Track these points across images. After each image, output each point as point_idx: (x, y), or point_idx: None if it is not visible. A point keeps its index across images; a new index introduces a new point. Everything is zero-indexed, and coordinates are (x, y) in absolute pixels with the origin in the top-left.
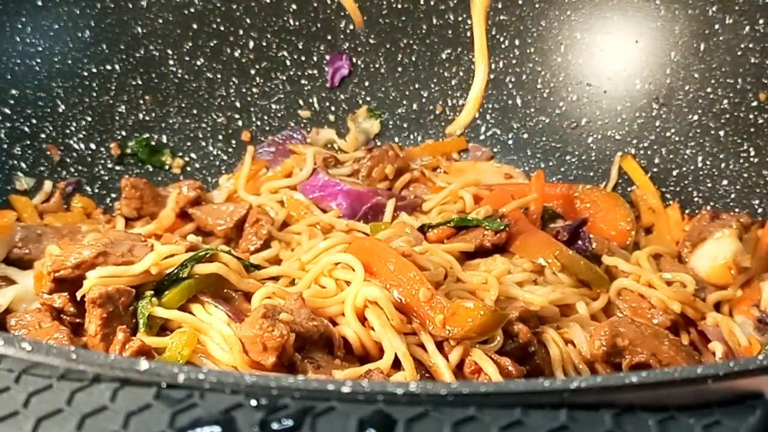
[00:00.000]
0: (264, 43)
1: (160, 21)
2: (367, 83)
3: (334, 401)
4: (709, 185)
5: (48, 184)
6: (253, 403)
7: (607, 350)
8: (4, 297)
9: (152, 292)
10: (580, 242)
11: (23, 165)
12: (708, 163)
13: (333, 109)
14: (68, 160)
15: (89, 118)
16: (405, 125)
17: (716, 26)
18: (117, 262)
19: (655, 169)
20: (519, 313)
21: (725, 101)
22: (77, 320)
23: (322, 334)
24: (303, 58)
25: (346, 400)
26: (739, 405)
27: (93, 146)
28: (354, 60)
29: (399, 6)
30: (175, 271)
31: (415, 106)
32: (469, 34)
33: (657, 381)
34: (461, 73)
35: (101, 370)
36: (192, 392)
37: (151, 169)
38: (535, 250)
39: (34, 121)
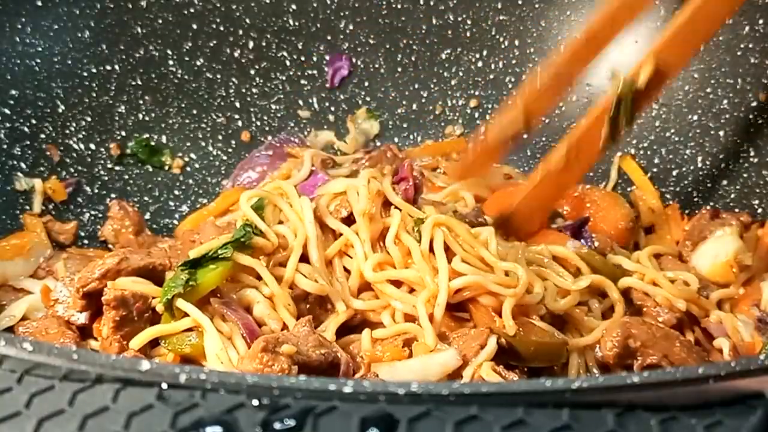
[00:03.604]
0: (264, 44)
1: (160, 21)
2: (366, 83)
3: (336, 401)
4: (709, 185)
5: (39, 183)
6: (255, 403)
7: (619, 352)
8: (18, 308)
9: (186, 275)
10: (582, 241)
11: (23, 165)
12: (708, 163)
13: (333, 109)
14: (68, 160)
15: (89, 119)
16: (404, 125)
17: None
18: (139, 265)
19: (654, 169)
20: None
21: (725, 101)
22: (84, 324)
23: (330, 362)
24: (303, 59)
25: (348, 400)
26: (740, 405)
27: (93, 146)
28: (354, 60)
29: (398, 6)
30: (215, 253)
31: (414, 106)
32: (468, 34)
33: (659, 381)
34: (461, 74)
35: (103, 371)
36: (193, 392)
37: (150, 170)
38: None
39: (33, 122)
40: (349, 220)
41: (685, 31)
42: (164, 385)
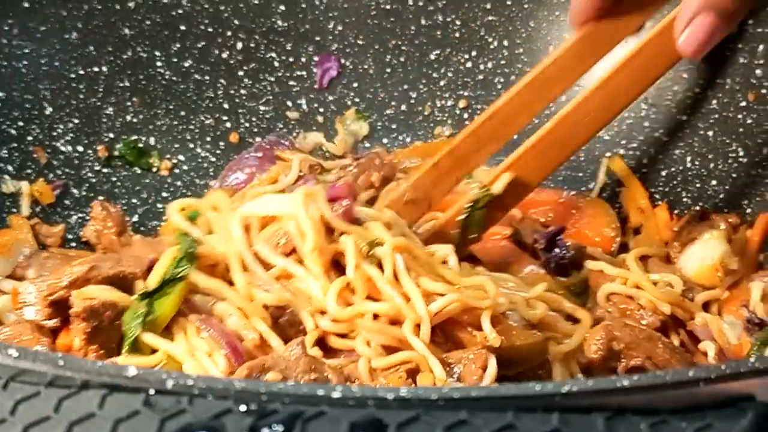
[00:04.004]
0: (252, 45)
1: (148, 22)
2: (355, 84)
3: (325, 406)
4: (698, 185)
5: (26, 186)
6: (243, 408)
7: (604, 354)
8: None
9: (145, 307)
10: (557, 250)
11: (10, 168)
12: (697, 163)
13: (321, 110)
14: (55, 162)
15: (76, 120)
16: (393, 126)
17: None
18: (109, 273)
19: (644, 170)
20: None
21: (714, 101)
22: (56, 326)
23: None
24: (291, 60)
25: (336, 405)
26: (730, 408)
27: (80, 148)
28: (342, 61)
29: (387, 7)
30: (173, 274)
31: (403, 107)
32: (457, 34)
33: (648, 384)
34: (450, 74)
35: (89, 377)
36: (181, 398)
37: (138, 172)
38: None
39: (20, 124)
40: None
41: (545, 144)
42: (151, 391)
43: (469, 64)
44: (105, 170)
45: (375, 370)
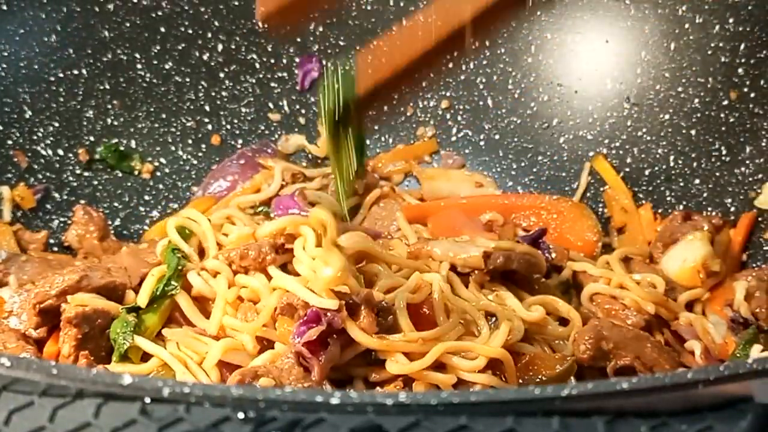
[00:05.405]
0: (233, 46)
1: (128, 24)
2: None
3: (323, 412)
4: (681, 184)
5: (7, 191)
6: (241, 416)
7: (593, 354)
8: None
9: (134, 317)
10: (540, 252)
11: None
12: (680, 162)
13: (303, 112)
14: (36, 166)
15: (56, 124)
16: (375, 127)
17: (686, 25)
18: (100, 283)
19: (627, 169)
20: None
21: (696, 100)
22: (42, 336)
23: None
24: (272, 61)
25: (335, 412)
26: (729, 409)
27: (61, 152)
28: (324, 62)
29: (368, 8)
30: (162, 291)
31: (385, 107)
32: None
33: (648, 387)
34: (431, 74)
35: (84, 386)
36: (177, 406)
37: (120, 175)
38: None
39: (0, 128)
40: None
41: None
42: (147, 400)
43: (450, 65)
44: (86, 174)
45: None
